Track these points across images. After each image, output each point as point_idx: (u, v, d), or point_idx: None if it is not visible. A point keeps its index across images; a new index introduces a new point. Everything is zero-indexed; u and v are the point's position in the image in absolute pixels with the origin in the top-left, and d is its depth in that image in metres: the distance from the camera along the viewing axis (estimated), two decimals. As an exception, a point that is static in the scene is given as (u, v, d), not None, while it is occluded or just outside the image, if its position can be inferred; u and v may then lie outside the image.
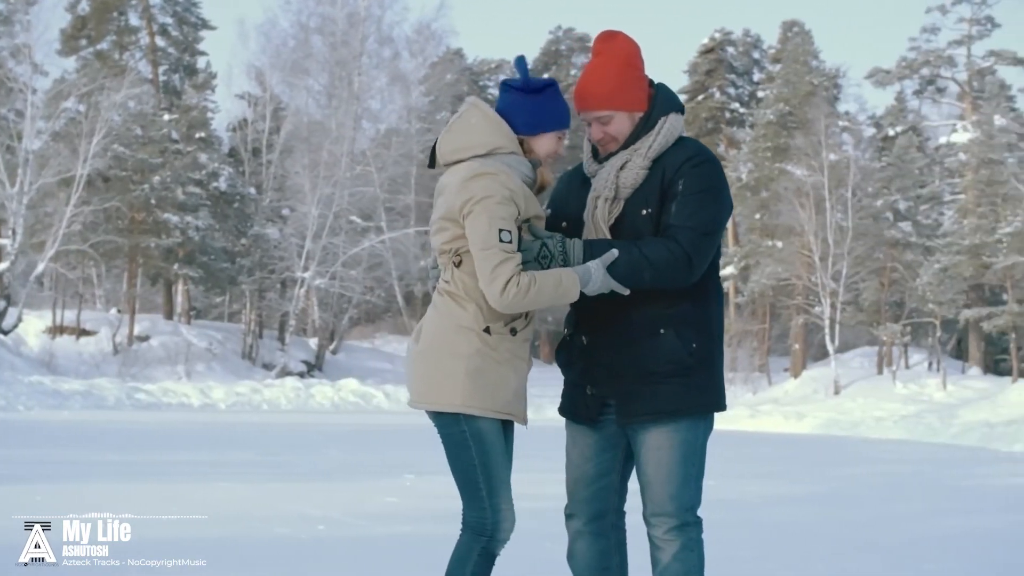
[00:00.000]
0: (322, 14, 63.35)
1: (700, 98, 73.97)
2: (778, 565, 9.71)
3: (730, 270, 63.23)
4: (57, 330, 51.58)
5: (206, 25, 65.84)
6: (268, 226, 57.43)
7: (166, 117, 55.86)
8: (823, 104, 60.40)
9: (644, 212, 5.19)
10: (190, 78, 62.13)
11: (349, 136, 58.42)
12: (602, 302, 5.15)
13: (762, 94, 70.29)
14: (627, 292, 5.05)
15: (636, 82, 5.32)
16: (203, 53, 66.41)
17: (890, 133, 64.49)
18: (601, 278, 5.00)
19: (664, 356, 5.16)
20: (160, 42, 65.47)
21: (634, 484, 5.43)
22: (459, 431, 5.12)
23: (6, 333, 47.55)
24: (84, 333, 51.78)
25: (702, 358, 5.23)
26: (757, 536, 11.23)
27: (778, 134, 63.07)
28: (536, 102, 5.25)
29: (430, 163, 5.37)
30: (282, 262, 56.32)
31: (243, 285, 57.00)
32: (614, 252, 5.02)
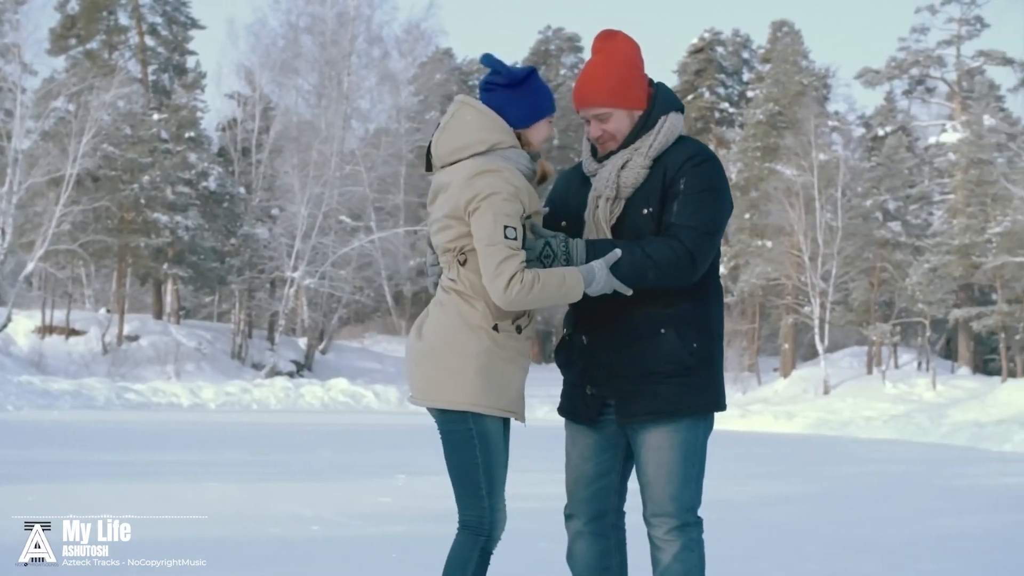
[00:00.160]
0: (312, 13, 63.41)
1: (690, 98, 73.97)
2: (773, 565, 9.71)
3: (720, 270, 63.30)
4: (46, 330, 51.51)
5: (195, 24, 65.77)
6: (257, 226, 57.38)
7: (155, 117, 55.81)
8: (813, 104, 60.51)
9: (645, 211, 5.16)
10: (179, 78, 62.08)
11: (338, 136, 58.43)
12: (602, 302, 5.12)
13: (752, 94, 70.46)
14: (630, 292, 5.03)
15: (636, 81, 5.29)
16: (192, 53, 66.38)
17: (879, 133, 64.56)
18: (605, 278, 4.97)
19: (665, 356, 5.13)
20: (149, 41, 65.40)
21: (633, 484, 5.41)
22: (465, 429, 5.09)
23: (-5, 333, 47.55)
24: (73, 333, 51.74)
25: (703, 358, 5.21)
26: (751, 536, 11.22)
27: (768, 134, 63.21)
28: (523, 93, 5.23)
29: (427, 166, 5.33)
30: (271, 262, 56.29)
31: (232, 285, 56.98)
32: (617, 252, 4.99)
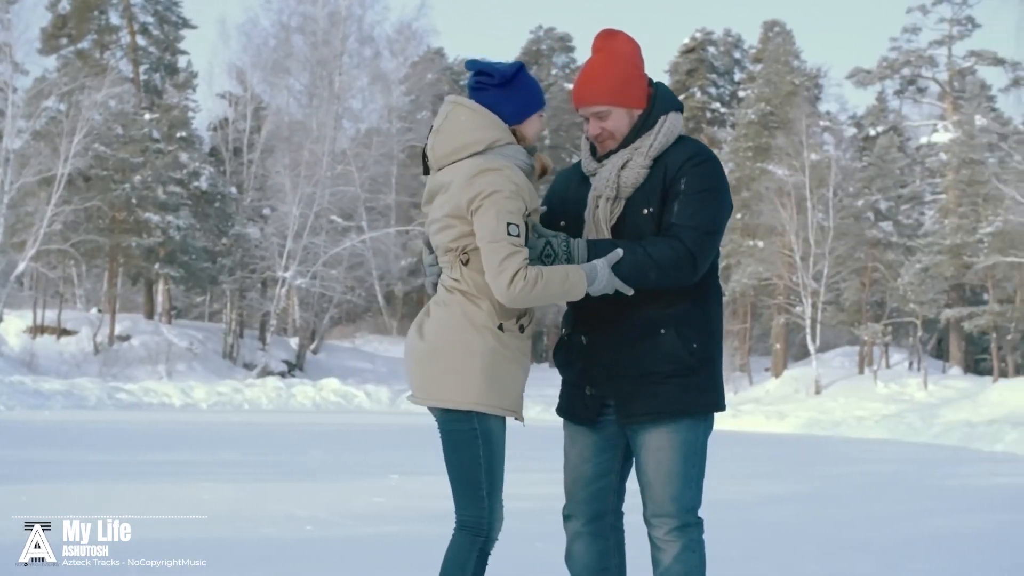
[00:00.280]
0: (303, 13, 63.41)
1: (681, 98, 73.57)
2: (769, 565, 9.70)
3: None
4: (38, 330, 51.46)
5: (187, 24, 65.67)
6: (249, 226, 57.36)
7: (147, 116, 55.79)
8: (804, 104, 60.52)
9: (646, 211, 5.15)
10: (171, 77, 62.01)
11: (330, 136, 58.42)
12: (602, 302, 5.11)
13: (743, 94, 70.55)
14: (631, 292, 5.01)
15: (636, 80, 5.28)
16: (184, 52, 66.24)
17: (871, 133, 64.63)
18: (607, 277, 4.95)
19: (665, 356, 5.12)
20: (141, 41, 65.28)
21: (632, 484, 5.40)
22: (469, 428, 5.07)
23: (-14, 332, 47.51)
24: (65, 333, 51.67)
25: (703, 358, 5.20)
26: (747, 536, 11.21)
27: (759, 134, 63.21)
28: (514, 89, 5.25)
29: (425, 170, 5.31)
30: (263, 262, 56.24)
31: (224, 285, 56.94)
32: (619, 252, 4.98)
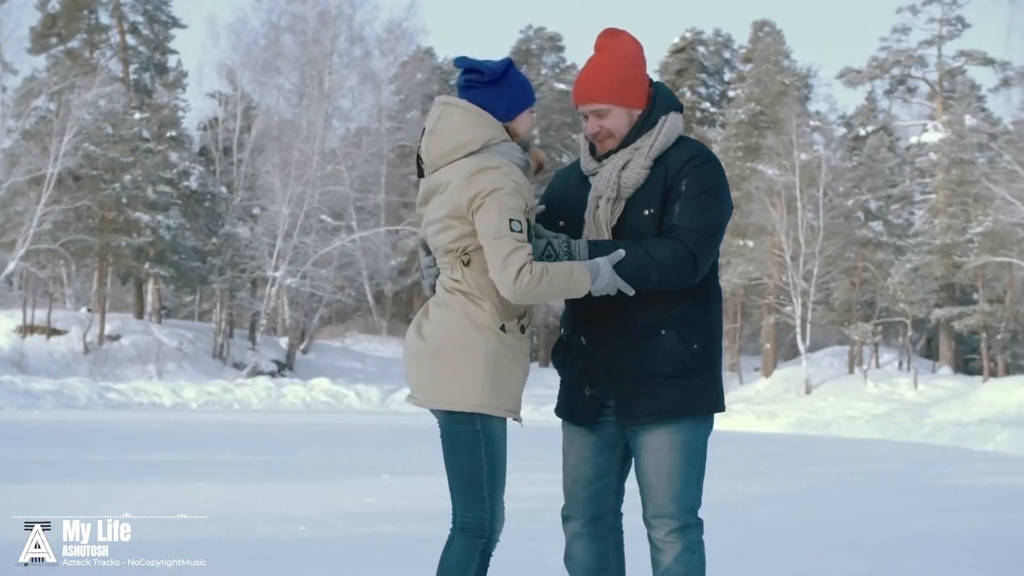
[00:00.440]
0: (293, 13, 63.37)
1: (671, 97, 73.96)
2: (762, 565, 9.72)
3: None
4: (27, 329, 51.35)
5: (177, 23, 65.54)
6: (239, 225, 57.30)
7: (137, 116, 55.68)
8: (794, 104, 60.58)
9: (646, 212, 5.14)
10: (161, 77, 61.89)
11: (320, 135, 58.41)
12: (602, 302, 5.10)
13: (733, 94, 70.59)
14: (632, 292, 5.00)
15: (636, 79, 5.27)
16: (174, 52, 66.07)
17: (861, 133, 64.69)
18: (609, 275, 4.94)
19: (665, 357, 5.11)
20: (131, 40, 65.15)
21: (631, 485, 5.39)
22: (472, 430, 5.05)
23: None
24: (55, 332, 51.56)
25: (703, 359, 5.19)
26: (740, 536, 11.21)
27: (749, 134, 63.24)
28: (505, 86, 5.24)
29: (419, 173, 5.29)
30: (253, 261, 56.20)
31: (214, 284, 56.87)
32: (620, 252, 4.97)
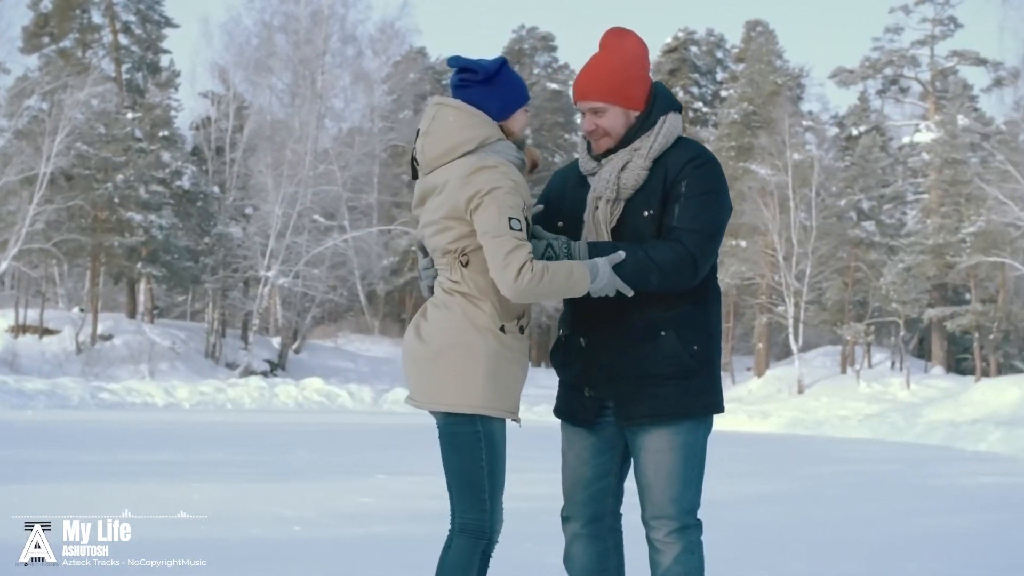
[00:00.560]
0: (286, 12, 63.37)
1: (663, 98, 73.96)
2: (757, 565, 9.72)
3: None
4: (20, 329, 51.31)
5: (169, 23, 65.52)
6: (231, 225, 57.27)
7: (129, 115, 55.62)
8: (787, 104, 60.66)
9: (646, 214, 5.12)
10: (153, 76, 61.78)
11: (312, 135, 58.37)
12: (601, 303, 5.09)
13: (726, 93, 70.62)
14: (631, 293, 4.99)
15: (637, 81, 5.25)
16: (166, 51, 66.09)
17: (853, 133, 64.74)
18: (608, 276, 4.93)
19: (665, 358, 5.10)
20: (123, 40, 65.14)
21: (630, 485, 5.39)
22: (472, 431, 5.03)
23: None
24: (47, 332, 51.51)
25: (703, 360, 5.17)
26: (734, 536, 11.21)
27: (742, 133, 63.33)
28: (499, 85, 5.23)
29: (413, 175, 5.28)
30: (245, 261, 56.18)
31: (206, 284, 56.86)
32: (620, 254, 4.95)
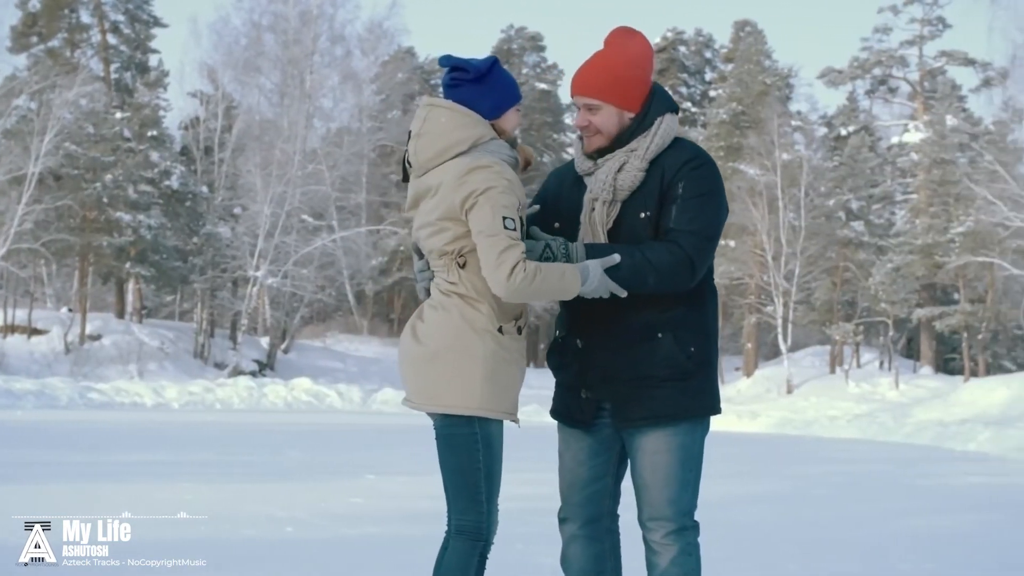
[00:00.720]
0: (274, 12, 63.31)
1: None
2: (752, 565, 9.71)
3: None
4: (8, 329, 51.23)
5: (158, 23, 65.51)
6: (220, 225, 57.26)
7: (118, 115, 55.62)
8: (775, 104, 60.75)
9: (643, 215, 5.11)
10: (142, 76, 61.75)
11: (301, 135, 58.31)
12: (599, 304, 5.08)
13: (714, 93, 70.74)
14: (624, 294, 4.98)
15: (635, 82, 5.21)
16: (155, 51, 66.10)
17: (842, 133, 64.88)
18: (599, 278, 4.92)
19: (662, 360, 5.09)
20: (112, 40, 65.12)
21: (627, 486, 5.38)
22: (470, 433, 5.02)
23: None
24: (35, 332, 51.43)
25: (700, 362, 5.16)
26: (728, 536, 11.17)
27: (731, 133, 63.39)
28: (491, 84, 5.19)
29: (404, 177, 5.26)
30: (234, 261, 56.17)
31: (195, 284, 56.84)
32: (616, 256, 4.94)
